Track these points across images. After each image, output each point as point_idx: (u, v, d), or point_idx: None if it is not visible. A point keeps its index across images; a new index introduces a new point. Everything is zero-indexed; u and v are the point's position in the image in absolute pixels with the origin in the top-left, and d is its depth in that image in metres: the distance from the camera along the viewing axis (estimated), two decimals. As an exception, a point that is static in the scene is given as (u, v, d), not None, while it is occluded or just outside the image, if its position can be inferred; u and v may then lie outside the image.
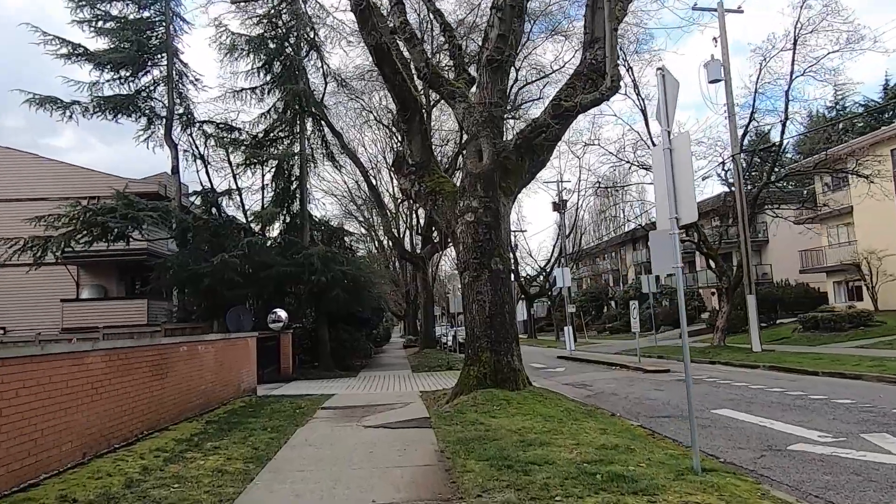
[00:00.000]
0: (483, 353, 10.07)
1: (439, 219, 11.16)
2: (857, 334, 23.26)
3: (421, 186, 11.41)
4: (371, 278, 22.28)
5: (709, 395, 11.75)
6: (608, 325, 53.28)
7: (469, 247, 10.42)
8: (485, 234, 10.37)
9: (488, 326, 10.13)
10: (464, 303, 10.62)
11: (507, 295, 10.44)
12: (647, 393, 12.63)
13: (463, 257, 10.54)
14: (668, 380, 14.95)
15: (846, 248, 31.65)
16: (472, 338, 10.31)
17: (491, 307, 10.19)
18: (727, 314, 23.62)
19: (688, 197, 6.06)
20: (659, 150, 6.51)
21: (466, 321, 10.47)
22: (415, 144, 11.69)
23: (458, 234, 10.68)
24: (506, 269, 10.49)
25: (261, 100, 22.68)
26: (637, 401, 11.60)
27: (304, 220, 21.58)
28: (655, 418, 9.63)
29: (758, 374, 15.91)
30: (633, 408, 10.77)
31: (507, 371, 10.07)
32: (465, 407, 9.17)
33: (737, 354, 20.80)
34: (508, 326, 10.28)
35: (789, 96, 22.70)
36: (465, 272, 10.50)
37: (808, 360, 17.08)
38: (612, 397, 12.33)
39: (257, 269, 19.35)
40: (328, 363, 21.09)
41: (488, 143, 10.73)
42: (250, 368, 13.86)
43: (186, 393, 9.67)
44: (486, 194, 10.43)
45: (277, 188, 21.54)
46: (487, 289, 10.24)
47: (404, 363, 25.61)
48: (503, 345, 10.16)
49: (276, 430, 8.61)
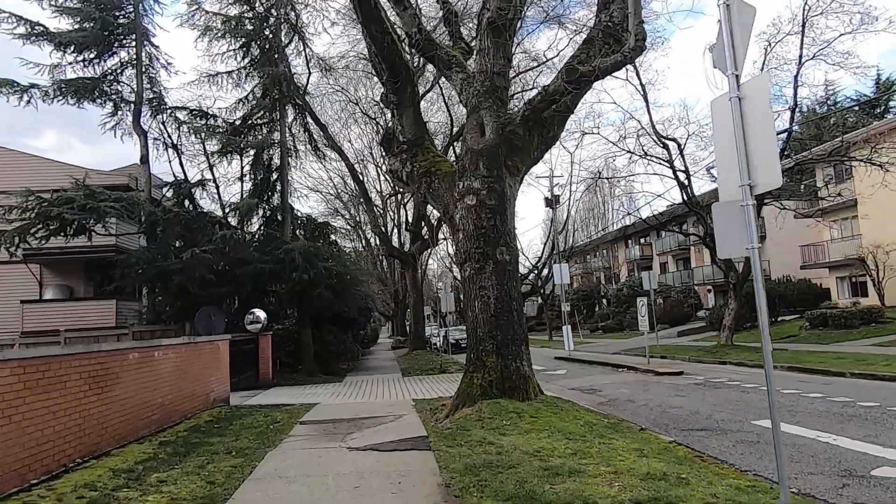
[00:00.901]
0: (488, 358, 8.65)
1: (435, 204, 9.72)
2: (869, 332, 22.15)
3: (414, 167, 9.96)
4: (358, 276, 20.79)
5: (741, 402, 10.42)
6: (601, 325, 52.07)
7: (470, 234, 8.99)
8: (488, 219, 8.95)
9: (494, 326, 8.71)
10: (464, 299, 9.17)
11: (515, 290, 9.03)
12: (667, 399, 11.28)
13: (463, 246, 9.10)
14: (685, 383, 13.62)
15: (850, 243, 30.62)
16: (474, 340, 8.88)
17: (496, 304, 8.77)
18: (735, 311, 22.40)
19: (767, 157, 4.68)
20: (722, 101, 5.13)
21: (468, 320, 9.04)
22: (406, 119, 10.24)
23: (457, 220, 9.25)
24: (513, 260, 9.08)
25: (238, 85, 21.12)
26: (660, 409, 10.23)
27: (285, 213, 20.04)
28: (690, 432, 8.26)
29: (779, 375, 14.60)
30: (658, 418, 9.41)
31: (517, 378, 8.65)
32: (470, 422, 7.74)
33: (747, 354, 19.58)
34: (517, 326, 8.86)
35: (798, 81, 21.51)
36: (465, 264, 9.08)
37: (830, 360, 15.85)
38: (630, 405, 10.96)
39: (234, 266, 17.78)
40: (311, 367, 19.57)
41: (491, 116, 9.30)
42: (222, 375, 12.34)
43: (138, 408, 8.15)
44: (490, 173, 9.01)
45: (256, 179, 19.98)
46: (492, 283, 8.82)
47: (393, 366, 24.13)
48: (511, 348, 8.74)
49: (242, 453, 7.12)
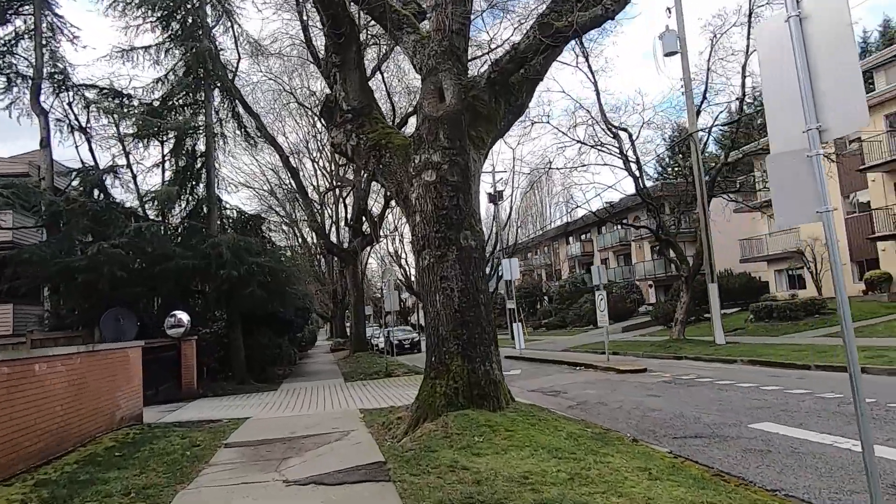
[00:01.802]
0: (453, 361, 7.31)
1: (386, 183, 8.31)
2: (815, 323, 22.21)
3: (360, 139, 8.51)
4: (294, 273, 19.02)
5: (723, 402, 9.51)
6: (544, 322, 51.75)
7: (429, 216, 7.63)
8: (451, 198, 7.61)
9: (458, 324, 7.38)
10: (422, 292, 7.81)
11: (483, 280, 7.75)
12: (642, 401, 10.27)
13: (421, 231, 7.73)
14: (652, 382, 12.72)
15: (789, 236, 31.13)
16: (436, 340, 7.52)
17: (461, 297, 7.45)
18: (687, 305, 21.99)
19: (847, 87, 3.55)
20: (773, 26, 3.98)
21: (427, 317, 7.68)
22: (350, 84, 8.77)
23: (413, 200, 7.87)
24: (479, 246, 7.79)
25: (157, 62, 18.90)
26: (639, 413, 9.19)
27: (211, 204, 18.05)
28: (684, 441, 7.20)
29: (745, 370, 14.00)
30: (640, 424, 8.34)
31: (486, 384, 7.35)
32: (435, 440, 6.38)
33: (701, 348, 19.09)
34: (485, 323, 7.57)
35: (746, 71, 21.30)
36: (424, 251, 7.70)
37: (790, 353, 15.42)
38: (603, 408, 9.89)
39: (152, 263, 15.72)
40: (243, 374, 17.70)
41: (452, 79, 7.97)
42: (132, 389, 10.47)
43: (9, 438, 6.35)
44: (452, 144, 7.68)
45: (177, 165, 17.90)
46: (456, 273, 7.49)
47: (334, 370, 22.46)
48: (479, 348, 7.44)
49: (144, 495, 5.50)
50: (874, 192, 26.20)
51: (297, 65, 38.66)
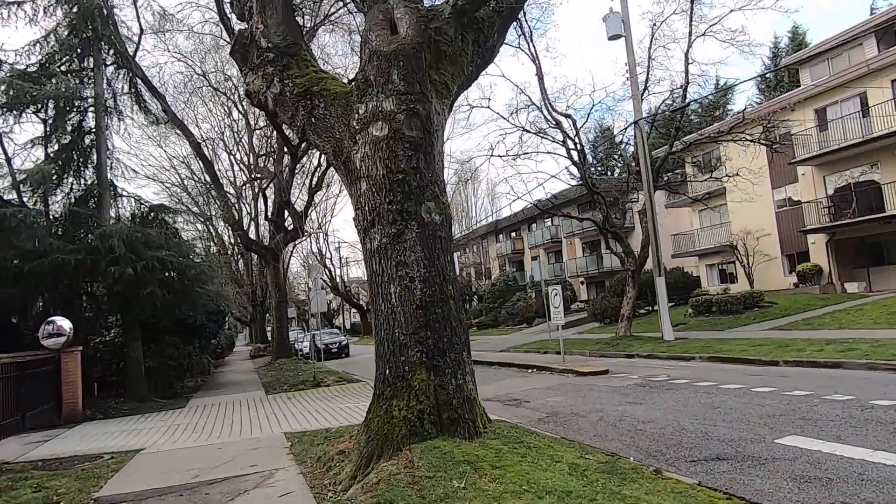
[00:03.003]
0: (415, 374, 5.46)
1: (320, 141, 6.34)
2: (757, 316, 21.86)
3: (284, 85, 6.49)
4: (205, 270, 16.48)
5: (722, 408, 8.15)
6: (475, 321, 50.53)
7: (380, 183, 5.75)
8: (408, 158, 5.77)
9: (422, 325, 5.54)
10: (371, 284, 5.89)
11: (451, 267, 5.93)
12: (624, 409, 8.79)
13: (369, 202, 5.83)
14: (623, 385, 11.34)
15: (720, 230, 31.24)
16: (391, 347, 5.64)
17: (425, 289, 5.62)
18: (633, 300, 21.03)
19: None
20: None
21: (379, 318, 5.78)
22: (271, 14, 6.72)
23: (356, 163, 5.96)
24: (446, 223, 5.97)
25: (34, 21, 15.88)
26: (629, 427, 7.67)
27: (102, 189, 15.26)
28: (706, 464, 5.70)
29: (711, 368, 12.93)
30: (637, 441, 6.81)
31: (459, 404, 5.56)
32: (398, 489, 4.51)
33: (652, 345, 18.11)
34: (455, 323, 5.77)
35: (689, 59, 20.63)
36: (373, 229, 5.81)
37: (750, 348, 14.54)
38: (582, 421, 8.32)
39: (24, 259, 12.90)
40: (142, 390, 15.06)
41: (407, 6, 6.12)
42: (-23, 420, 7.96)
43: None
44: (409, 88, 5.83)
45: (58, 142, 15.00)
46: (417, 257, 5.66)
47: (254, 380, 19.97)
48: (449, 356, 5.63)
49: None
50: (804, 185, 26.44)
51: (211, 46, 35.56)
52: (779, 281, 27.87)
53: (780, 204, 28.32)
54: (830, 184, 25.56)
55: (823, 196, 25.47)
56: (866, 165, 23.95)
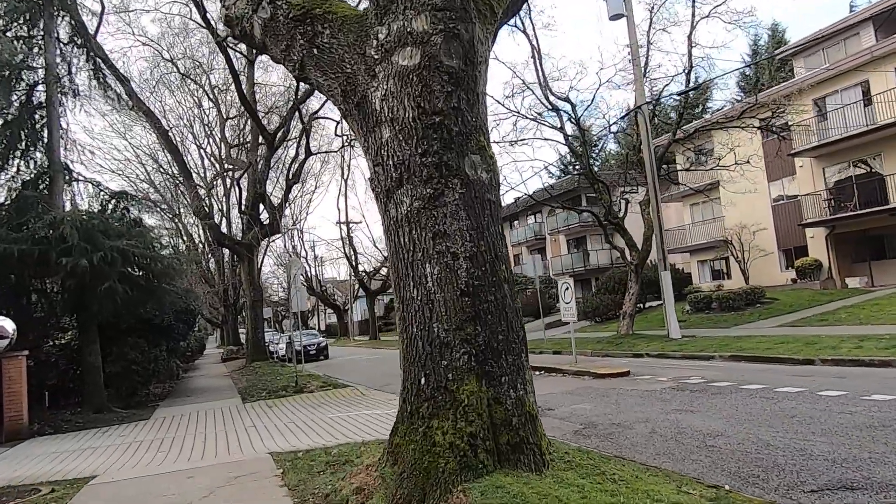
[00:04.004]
0: (462, 384, 4.01)
1: (325, 79, 4.85)
2: (761, 313, 20.89)
3: (277, 7, 4.98)
4: (173, 264, 14.75)
5: (802, 417, 6.85)
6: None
7: (409, 128, 4.30)
8: (447, 93, 4.33)
9: (469, 317, 4.11)
10: (397, 263, 4.41)
11: (503, 242, 4.49)
12: (677, 420, 7.44)
13: (394, 154, 4.37)
14: (655, 388, 10.03)
15: (713, 225, 30.38)
16: (426, 346, 4.17)
17: (472, 268, 4.19)
18: (635, 296, 19.84)
19: None
20: None
21: (408, 307, 4.32)
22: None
23: (376, 104, 4.49)
24: (494, 183, 4.54)
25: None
26: (693, 440, 6.33)
27: (54, 172, 13.44)
28: (830, 494, 4.39)
29: (745, 369, 11.72)
30: (720, 462, 5.48)
31: (520, 423, 4.13)
32: (463, 558, 3.04)
33: (659, 343, 16.95)
34: (512, 315, 4.34)
35: (692, 41, 19.56)
36: (399, 190, 4.34)
37: (775, 346, 13.41)
38: (629, 434, 6.96)
39: (-41, 251, 11.08)
40: (101, 400, 13.30)
41: None
42: None
43: None
44: (449, 2, 4.37)
45: (2, 116, 13.15)
46: (462, 225, 4.22)
47: (228, 386, 18.24)
48: (506, 358, 4.20)
49: None
50: (802, 177, 25.64)
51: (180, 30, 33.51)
52: (775, 276, 27.05)
53: (777, 197, 27.51)
54: (830, 175, 24.79)
55: (823, 188, 24.69)
56: (869, 156, 23.18)
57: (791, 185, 26.74)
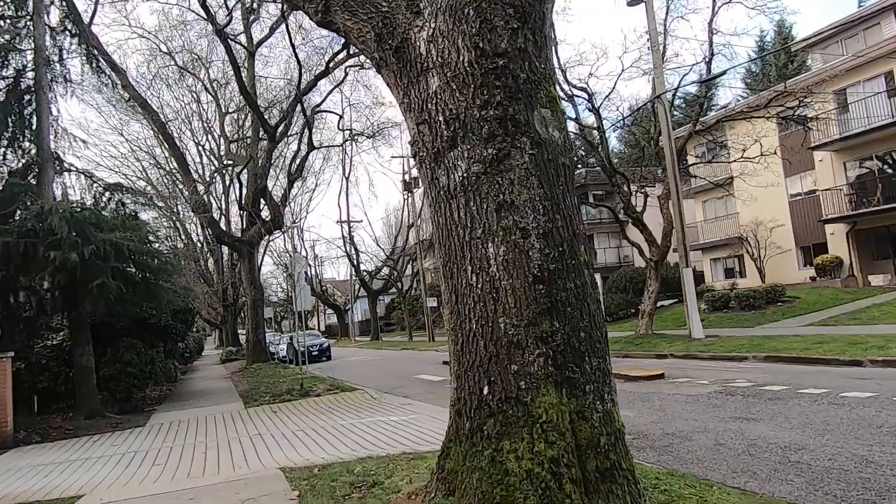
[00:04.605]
0: (539, 394, 3.14)
1: (352, 25, 3.99)
2: (784, 312, 20.08)
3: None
4: (171, 260, 13.87)
5: (885, 426, 6.00)
6: (460, 321, 48.32)
7: (464, 74, 3.44)
8: (511, 31, 3.47)
9: (544, 310, 3.24)
10: (448, 244, 3.52)
11: (578, 216, 3.63)
12: (737, 428, 6.58)
13: (445, 107, 3.50)
14: (702, 392, 9.17)
15: (726, 222, 29.56)
16: (490, 346, 3.30)
17: (547, 248, 3.33)
18: (655, 294, 18.98)
19: None
20: None
21: (464, 298, 3.45)
22: None
23: (421, 46, 3.64)
24: (566, 144, 3.68)
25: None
26: (771, 455, 5.48)
27: (43, 160, 12.55)
28: None
29: (788, 371, 10.88)
30: (818, 483, 4.62)
31: (609, 443, 3.26)
32: None
33: (682, 343, 16.13)
34: (594, 307, 3.48)
35: (713, 28, 18.73)
36: (452, 152, 3.48)
37: (815, 346, 12.60)
38: (689, 445, 6.10)
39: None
40: (94, 405, 12.41)
41: None
42: None
43: None
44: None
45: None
46: (534, 194, 3.36)
47: (228, 389, 17.35)
48: (590, 361, 3.34)
49: None
50: (822, 172, 24.81)
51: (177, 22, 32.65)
52: (793, 274, 26.22)
53: (795, 193, 26.67)
54: (852, 170, 23.97)
55: (844, 183, 23.86)
56: (894, 149, 22.36)
57: (807, 180, 25.92)
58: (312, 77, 23.78)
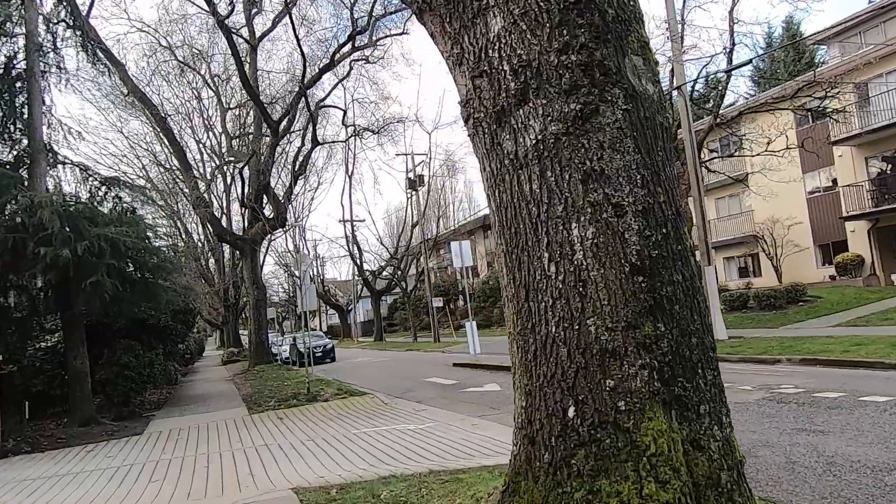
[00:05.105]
0: (645, 418, 2.40)
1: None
2: (807, 312, 19.35)
3: None
4: (170, 258, 13.15)
5: None
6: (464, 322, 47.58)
7: (538, 13, 2.70)
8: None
9: (647, 308, 2.51)
10: (516, 225, 2.77)
11: (678, 191, 2.90)
12: (806, 442, 5.85)
13: (512, 53, 2.78)
14: (747, 400, 8.43)
15: (741, 220, 28.83)
16: (573, 354, 2.57)
17: (646, 229, 2.60)
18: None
19: None
20: None
21: (537, 293, 2.73)
22: None
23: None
24: (661, 99, 2.95)
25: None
26: (861, 477, 4.75)
27: (35, 152, 11.84)
28: None
29: (831, 375, 10.14)
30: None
31: (731, 480, 2.53)
32: None
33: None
34: (703, 305, 2.74)
35: (734, 17, 18.03)
36: (522, 108, 2.75)
37: (853, 349, 11.87)
38: (756, 464, 5.37)
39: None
40: (90, 411, 11.71)
41: None
42: None
43: None
44: None
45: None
46: (630, 160, 2.62)
47: (230, 392, 16.63)
48: (705, 374, 2.60)
49: None
50: (842, 168, 24.07)
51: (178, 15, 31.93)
52: (811, 273, 25.47)
53: (813, 189, 25.93)
54: (873, 165, 23.24)
55: (865, 179, 23.12)
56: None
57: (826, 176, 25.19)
58: (317, 70, 23.06)
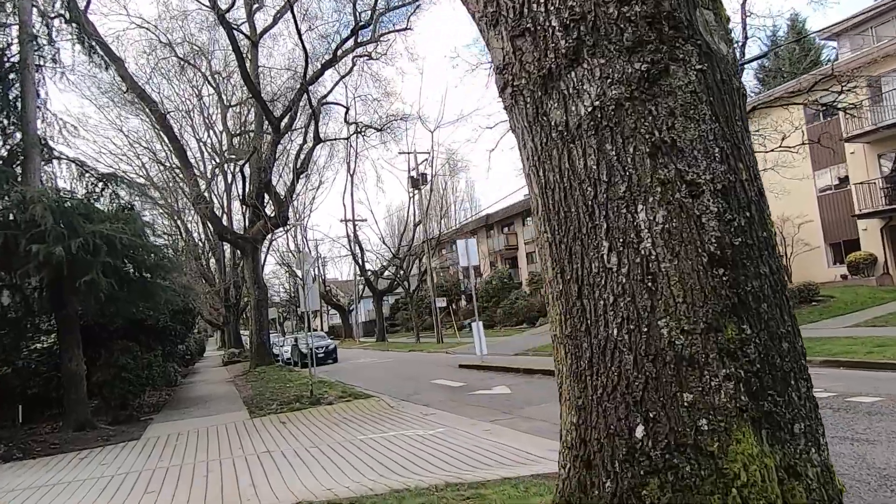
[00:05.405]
0: (732, 439, 1.96)
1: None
2: (821, 311, 18.92)
3: None
4: (168, 255, 12.73)
5: None
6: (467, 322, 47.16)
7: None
8: None
9: (729, 307, 2.08)
10: (566, 207, 2.32)
11: (756, 164, 2.47)
12: (861, 454, 5.42)
13: (561, 7, 2.32)
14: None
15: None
16: (641, 362, 2.14)
17: (727, 213, 2.16)
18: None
19: None
20: None
21: (592, 289, 2.29)
22: None
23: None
24: (735, 59, 2.53)
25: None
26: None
27: (29, 146, 11.42)
28: None
29: (856, 377, 9.71)
30: None
31: (833, 513, 2.08)
32: None
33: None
34: (786, 300, 2.31)
35: (746, 9, 17.61)
36: (573, 71, 2.32)
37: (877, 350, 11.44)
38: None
39: None
40: (83, 414, 11.29)
41: None
42: None
43: None
44: None
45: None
46: (706, 131, 2.18)
47: (231, 395, 16.21)
48: (798, 387, 2.17)
49: None
50: (854, 165, 23.60)
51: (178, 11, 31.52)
52: (822, 273, 24.99)
53: (824, 187, 25.46)
54: (886, 162, 22.78)
55: (878, 176, 22.66)
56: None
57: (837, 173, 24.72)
58: (319, 66, 22.65)
